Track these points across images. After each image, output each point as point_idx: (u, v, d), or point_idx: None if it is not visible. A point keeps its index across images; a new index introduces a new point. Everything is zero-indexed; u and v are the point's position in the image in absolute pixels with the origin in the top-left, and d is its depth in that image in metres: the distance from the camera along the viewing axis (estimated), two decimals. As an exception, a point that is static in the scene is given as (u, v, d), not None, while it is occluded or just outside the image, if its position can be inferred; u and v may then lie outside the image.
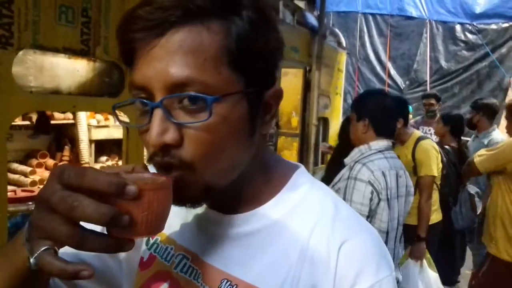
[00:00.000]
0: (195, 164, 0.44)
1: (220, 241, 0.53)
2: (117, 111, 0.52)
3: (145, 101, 0.44)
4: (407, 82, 8.01)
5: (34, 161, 3.05)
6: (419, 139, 2.54)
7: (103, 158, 3.37)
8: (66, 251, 0.55)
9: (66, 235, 0.38)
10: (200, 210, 0.55)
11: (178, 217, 0.58)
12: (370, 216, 1.55)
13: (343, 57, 3.88)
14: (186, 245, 0.56)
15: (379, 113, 1.67)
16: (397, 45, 8.08)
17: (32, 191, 2.09)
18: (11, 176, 2.83)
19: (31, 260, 0.39)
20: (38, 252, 0.39)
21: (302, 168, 0.58)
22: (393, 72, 8.11)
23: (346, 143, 1.82)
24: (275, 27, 0.49)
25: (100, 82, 1.58)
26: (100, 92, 1.58)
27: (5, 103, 1.23)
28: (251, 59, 0.45)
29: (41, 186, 1.83)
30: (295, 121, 3.43)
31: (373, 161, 1.58)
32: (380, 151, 1.61)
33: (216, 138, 0.44)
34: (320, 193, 0.55)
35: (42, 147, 3.21)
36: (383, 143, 1.64)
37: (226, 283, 0.51)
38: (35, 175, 2.93)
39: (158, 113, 0.43)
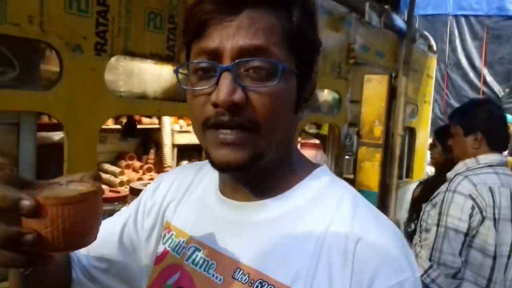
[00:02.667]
0: (259, 125, 0.47)
1: (235, 230, 0.54)
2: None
3: (214, 63, 0.47)
4: (507, 90, 7.17)
5: (123, 163, 3.27)
6: None
7: (185, 162, 3.49)
8: (90, 252, 0.64)
9: None
10: (216, 201, 0.57)
11: (193, 212, 0.60)
12: (471, 236, 1.34)
13: (433, 62, 3.57)
14: (199, 237, 0.57)
15: (494, 125, 1.48)
16: (494, 49, 7.30)
17: (118, 192, 2.22)
18: (103, 175, 3.06)
19: None
20: None
21: (325, 166, 0.59)
22: (489, 78, 7.33)
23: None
24: (316, 20, 0.54)
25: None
26: (183, 97, 1.61)
27: (97, 107, 1.30)
28: (303, 46, 0.51)
29: (128, 187, 1.92)
30: (378, 130, 3.22)
31: (479, 174, 1.39)
32: (490, 166, 1.41)
33: (277, 104, 0.48)
34: (340, 188, 0.55)
35: (130, 150, 3.43)
36: (494, 157, 1.44)
37: (239, 272, 0.51)
38: (123, 176, 3.14)
39: (227, 76, 0.46)
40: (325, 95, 2.61)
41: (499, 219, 1.33)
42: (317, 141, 2.77)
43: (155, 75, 1.50)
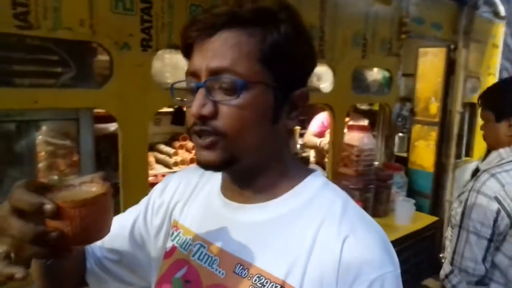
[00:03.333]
0: (227, 133, 0.54)
1: (236, 229, 0.60)
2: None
3: (191, 81, 0.56)
4: None
5: (177, 143, 3.42)
6: None
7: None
8: (104, 244, 0.72)
9: (8, 244, 0.45)
10: (219, 202, 0.64)
11: (198, 212, 0.67)
12: (499, 240, 1.21)
13: (500, 30, 3.25)
14: (203, 235, 0.63)
15: None
16: None
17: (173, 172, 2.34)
18: (158, 155, 3.24)
19: None
20: None
21: (318, 172, 0.64)
22: None
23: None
24: (307, 39, 0.58)
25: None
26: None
27: (146, 100, 1.38)
28: (280, 61, 0.55)
29: (182, 167, 2.03)
30: (434, 107, 3.04)
31: (509, 171, 1.23)
32: None
33: (243, 115, 0.54)
34: (331, 193, 0.60)
35: (183, 131, 3.58)
36: None
37: (240, 267, 0.57)
38: (177, 156, 3.29)
39: (201, 92, 0.54)
40: (375, 74, 2.51)
41: None
42: (365, 123, 2.70)
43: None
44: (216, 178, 0.68)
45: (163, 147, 3.34)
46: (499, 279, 1.24)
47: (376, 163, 2.53)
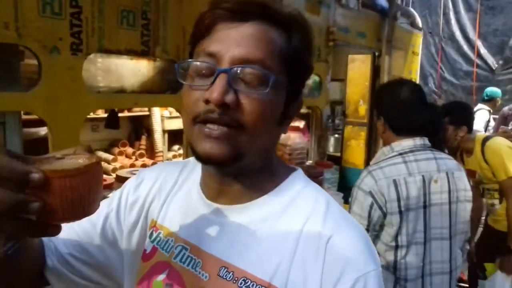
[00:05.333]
0: (244, 127, 0.52)
1: (219, 231, 0.58)
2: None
3: (213, 64, 0.52)
4: (501, 62, 7.15)
5: (116, 150, 3.37)
6: (484, 140, 2.17)
7: (176, 147, 3.59)
8: (70, 240, 0.64)
9: None
10: (200, 203, 0.61)
11: (179, 212, 0.63)
12: (376, 230, 1.34)
13: (418, 39, 3.60)
14: (185, 236, 0.60)
15: (396, 109, 1.40)
16: (488, 21, 7.23)
17: (105, 180, 2.28)
18: (97, 163, 3.16)
19: None
20: None
21: (300, 170, 0.63)
22: (483, 51, 7.29)
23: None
24: (312, 49, 0.60)
25: (160, 80, 1.69)
26: (161, 89, 1.69)
27: (77, 103, 1.39)
28: (296, 67, 0.56)
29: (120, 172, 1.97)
30: (362, 109, 3.30)
31: (383, 168, 1.34)
32: (400, 154, 1.36)
33: (264, 110, 0.52)
34: (314, 192, 0.59)
35: (123, 137, 3.52)
36: (407, 143, 1.38)
37: (224, 270, 0.55)
38: (116, 162, 3.24)
39: (223, 77, 0.50)
40: (306, 78, 2.67)
41: (408, 209, 1.31)
42: (302, 125, 2.86)
43: (132, 70, 1.58)
44: (196, 175, 0.65)
45: (101, 154, 3.27)
46: (381, 263, 1.39)
47: (310, 161, 2.69)
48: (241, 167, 0.55)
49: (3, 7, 1.19)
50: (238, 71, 0.51)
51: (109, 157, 3.21)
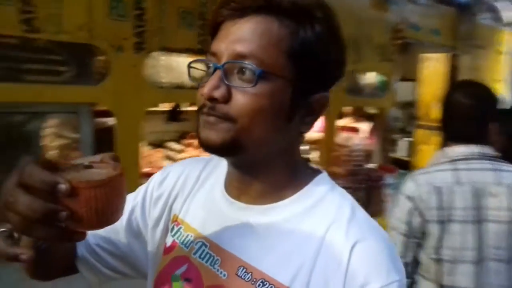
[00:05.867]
0: (237, 119, 0.52)
1: (240, 230, 0.57)
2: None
3: (208, 62, 0.54)
4: None
5: (185, 141, 3.59)
6: None
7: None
8: (98, 232, 0.67)
9: (14, 223, 0.41)
10: (223, 201, 0.61)
11: (200, 208, 0.64)
12: (417, 237, 1.26)
13: (504, 36, 3.25)
14: (205, 233, 0.60)
15: (451, 114, 1.32)
16: None
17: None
18: (167, 152, 3.41)
19: None
20: None
21: (325, 173, 0.61)
22: None
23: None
24: (340, 45, 0.56)
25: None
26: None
27: (139, 97, 1.53)
28: (307, 60, 0.53)
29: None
30: (435, 112, 3.08)
31: (429, 173, 1.28)
32: (453, 161, 1.27)
33: (256, 105, 0.51)
34: (339, 197, 0.58)
35: (192, 130, 3.74)
36: (460, 149, 1.28)
37: (243, 270, 0.54)
38: (185, 153, 3.45)
39: (217, 73, 0.52)
40: (369, 78, 2.58)
41: (451, 221, 1.22)
42: (366, 126, 2.76)
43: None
44: (219, 172, 0.65)
45: (172, 144, 3.51)
46: (424, 274, 1.29)
47: (373, 165, 2.60)
48: (253, 162, 0.56)
49: (77, 11, 1.36)
50: (231, 66, 0.52)
51: (178, 148, 3.43)
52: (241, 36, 0.51)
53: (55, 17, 1.32)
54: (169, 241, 0.65)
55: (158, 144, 3.48)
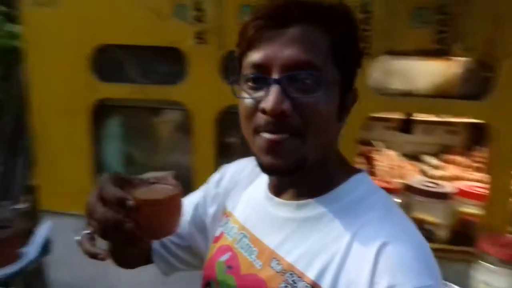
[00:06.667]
0: (303, 132, 0.53)
1: (276, 224, 0.61)
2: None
3: (264, 76, 0.53)
4: None
5: (446, 156, 3.13)
6: None
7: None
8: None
9: (94, 228, 0.52)
10: (264, 197, 0.65)
11: (246, 203, 0.69)
12: None
13: None
14: (247, 225, 0.66)
15: None
16: None
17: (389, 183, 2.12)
18: (421, 166, 3.09)
19: (76, 238, 0.57)
20: (81, 233, 0.57)
21: (364, 173, 0.62)
22: None
23: None
24: (359, 42, 0.59)
25: (462, 83, 1.44)
26: (458, 94, 1.44)
27: (357, 104, 1.45)
28: (345, 60, 0.56)
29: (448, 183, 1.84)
30: None
31: None
32: None
33: (321, 113, 0.53)
34: (374, 195, 0.59)
35: (457, 144, 3.22)
36: None
37: (275, 261, 0.58)
38: (443, 170, 3.02)
39: (276, 87, 0.52)
40: None
41: None
42: None
43: (422, 71, 1.44)
44: None
45: (428, 158, 3.14)
46: None
47: None
48: (311, 166, 0.57)
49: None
50: (289, 78, 0.52)
51: (436, 162, 3.03)
52: (293, 46, 0.52)
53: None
54: (218, 231, 0.72)
55: (413, 156, 3.21)
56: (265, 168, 0.56)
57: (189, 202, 0.78)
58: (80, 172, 1.68)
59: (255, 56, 0.54)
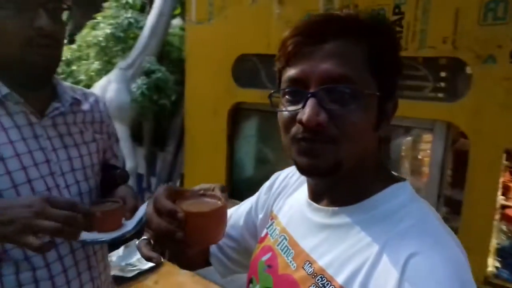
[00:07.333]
0: (338, 140, 0.55)
1: (313, 228, 0.63)
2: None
3: (301, 90, 0.56)
4: None
5: None
6: None
7: None
8: (227, 232, 0.76)
9: (150, 235, 0.60)
10: (304, 202, 0.67)
11: (289, 207, 0.71)
12: None
13: None
14: (288, 228, 0.68)
15: None
16: None
17: None
18: None
19: (136, 243, 0.63)
20: (139, 240, 0.62)
21: (406, 182, 0.61)
22: None
23: None
24: (399, 49, 0.58)
25: None
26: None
27: (505, 118, 1.22)
28: (383, 72, 0.56)
29: None
30: None
31: None
32: None
33: (356, 124, 0.55)
34: (411, 205, 0.57)
35: None
36: None
37: (308, 264, 0.60)
38: None
39: (313, 100, 0.54)
40: None
41: None
42: None
43: None
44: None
45: None
46: None
47: None
48: (342, 175, 0.57)
49: (443, 24, 1.27)
50: (325, 91, 0.54)
51: None
52: (330, 61, 0.53)
53: (420, 34, 1.33)
54: (264, 232, 0.74)
55: None
56: (302, 169, 0.58)
57: (242, 209, 0.84)
58: (217, 166, 1.91)
59: (293, 71, 0.56)
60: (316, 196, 0.65)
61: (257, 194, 0.84)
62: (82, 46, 4.51)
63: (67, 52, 4.97)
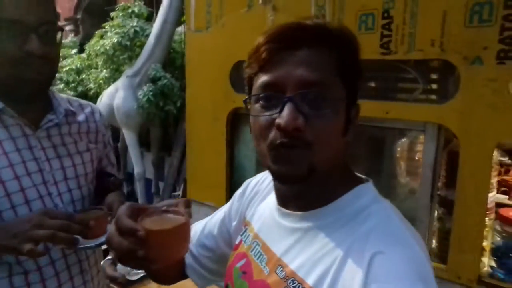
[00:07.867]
0: (313, 144, 0.56)
1: (283, 233, 0.64)
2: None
3: (279, 94, 0.57)
4: None
5: None
6: None
7: None
8: (197, 242, 0.82)
9: (113, 255, 0.59)
10: (274, 207, 0.68)
11: (261, 213, 0.73)
12: None
13: None
14: (260, 234, 0.70)
15: None
16: None
17: None
18: None
19: (101, 263, 0.65)
20: (104, 260, 0.64)
21: (369, 183, 0.63)
22: None
23: None
24: (359, 58, 0.62)
25: None
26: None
27: (492, 119, 1.23)
28: (350, 78, 0.60)
29: None
30: None
31: None
32: None
33: (329, 127, 0.57)
34: (375, 205, 0.59)
35: None
36: None
37: (280, 268, 0.62)
38: None
39: (290, 104, 0.55)
40: None
41: None
42: None
43: None
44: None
45: None
46: None
47: None
48: (312, 181, 0.59)
49: (430, 27, 1.29)
50: (302, 96, 0.56)
51: None
52: (305, 67, 0.56)
53: (408, 37, 1.35)
54: (238, 239, 0.76)
55: None
56: (278, 177, 0.60)
57: (215, 218, 0.86)
58: (217, 170, 1.96)
59: (268, 76, 0.57)
60: (284, 201, 0.66)
61: (230, 202, 0.86)
62: (91, 55, 4.62)
63: (77, 61, 5.10)
